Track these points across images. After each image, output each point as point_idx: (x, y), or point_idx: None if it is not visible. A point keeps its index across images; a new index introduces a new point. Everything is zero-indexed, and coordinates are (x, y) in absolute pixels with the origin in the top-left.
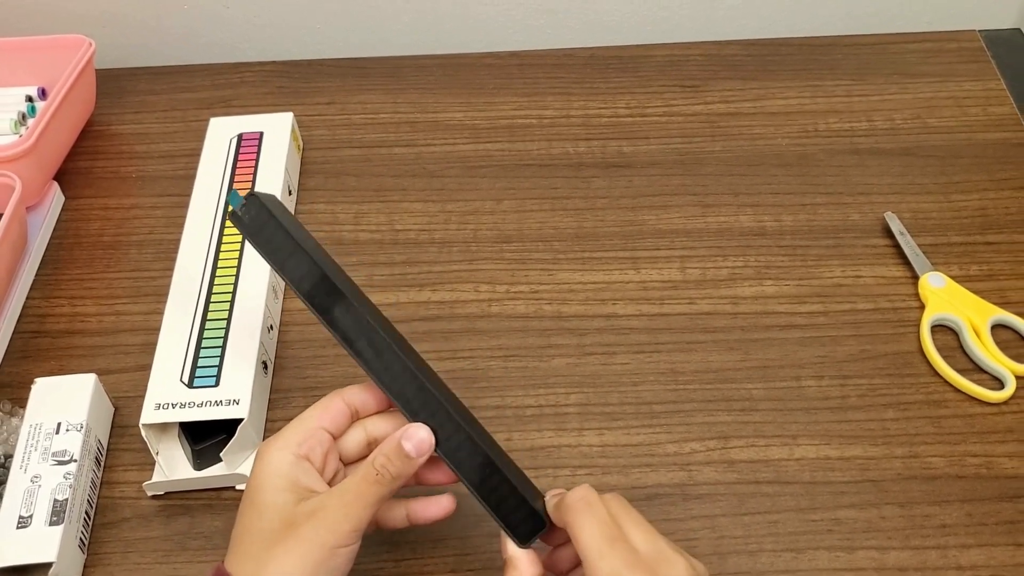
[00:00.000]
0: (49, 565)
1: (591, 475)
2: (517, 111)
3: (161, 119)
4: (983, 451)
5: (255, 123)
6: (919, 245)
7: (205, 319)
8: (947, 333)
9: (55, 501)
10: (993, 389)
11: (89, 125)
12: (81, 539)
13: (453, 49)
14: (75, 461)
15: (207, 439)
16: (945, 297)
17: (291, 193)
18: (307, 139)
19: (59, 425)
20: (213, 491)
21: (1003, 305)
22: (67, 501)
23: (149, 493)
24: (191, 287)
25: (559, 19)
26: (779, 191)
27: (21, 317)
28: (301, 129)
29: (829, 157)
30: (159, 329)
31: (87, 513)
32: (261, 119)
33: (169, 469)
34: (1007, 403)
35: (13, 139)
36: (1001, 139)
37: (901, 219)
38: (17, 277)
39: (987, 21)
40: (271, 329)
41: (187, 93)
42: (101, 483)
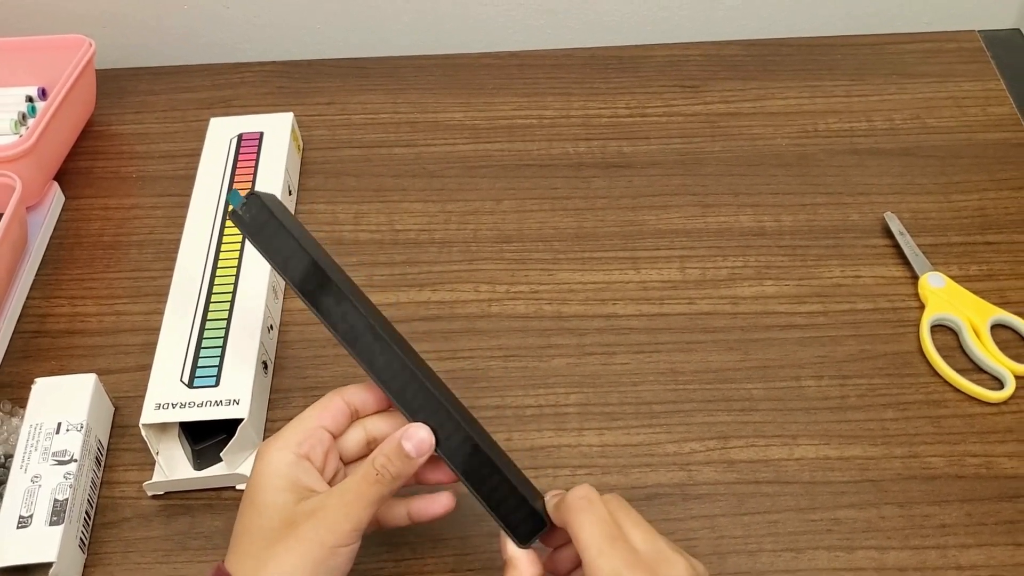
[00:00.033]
0: (49, 565)
1: (591, 475)
2: (517, 111)
3: (161, 119)
4: (983, 451)
5: (255, 123)
6: (919, 245)
7: (205, 319)
8: (947, 333)
9: (55, 501)
10: (993, 389)
11: (89, 125)
12: (81, 539)
13: (453, 49)
14: (75, 461)
15: (207, 439)
16: (945, 297)
17: (291, 193)
18: (307, 139)
19: (59, 425)
20: (213, 491)
21: (1003, 305)
22: (67, 501)
23: (149, 493)
24: (191, 287)
25: (559, 19)
26: (779, 191)
27: (21, 317)
28: (301, 129)
29: (829, 157)
30: (159, 329)
31: (87, 513)
32: (261, 119)
33: (169, 469)
34: (1007, 403)
35: (13, 139)
36: (1000, 139)
37: (901, 219)
38: (17, 277)
39: (986, 21)
40: (271, 329)
41: (187, 93)
42: (101, 483)
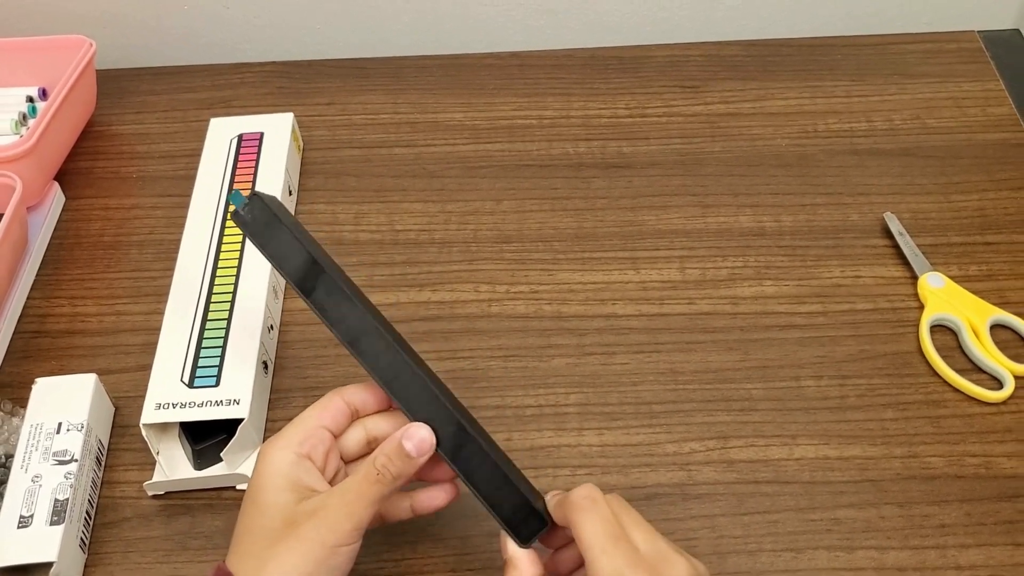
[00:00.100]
0: (50, 565)
1: (591, 475)
2: (517, 111)
3: (161, 119)
4: (982, 451)
5: (255, 123)
6: (918, 245)
7: (205, 319)
8: (946, 333)
9: (56, 501)
10: (992, 389)
11: (90, 125)
12: (82, 539)
13: (453, 49)
14: (76, 461)
15: (207, 439)
16: (944, 297)
17: (291, 193)
18: (307, 139)
19: (60, 425)
20: (214, 491)
21: (1002, 305)
22: (68, 501)
23: (150, 493)
24: (191, 287)
25: (559, 19)
26: (779, 191)
27: (22, 317)
28: (301, 129)
29: (829, 158)
30: (159, 329)
31: (88, 513)
32: (261, 119)
33: (169, 469)
34: (1006, 403)
35: (14, 139)
36: (1000, 139)
37: (900, 219)
38: (18, 277)
39: (986, 22)
40: (271, 329)
41: (187, 93)
42: (102, 483)
